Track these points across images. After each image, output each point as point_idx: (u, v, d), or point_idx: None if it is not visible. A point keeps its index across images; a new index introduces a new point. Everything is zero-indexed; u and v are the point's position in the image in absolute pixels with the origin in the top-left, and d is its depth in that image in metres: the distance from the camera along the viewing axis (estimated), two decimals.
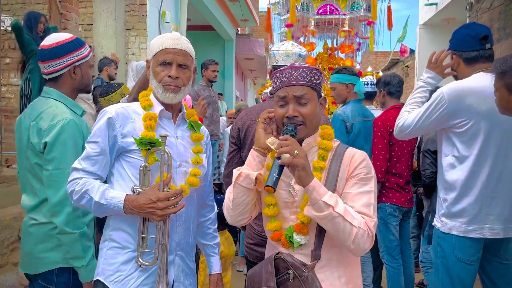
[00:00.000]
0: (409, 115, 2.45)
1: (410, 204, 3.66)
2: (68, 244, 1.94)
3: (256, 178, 1.62)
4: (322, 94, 1.74)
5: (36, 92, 4.74)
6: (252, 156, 1.68)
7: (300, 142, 1.64)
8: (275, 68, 2.38)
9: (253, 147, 1.69)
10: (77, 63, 2.11)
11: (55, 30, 4.82)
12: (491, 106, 2.17)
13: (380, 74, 6.51)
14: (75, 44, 2.11)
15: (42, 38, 4.37)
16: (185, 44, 1.83)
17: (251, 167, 1.67)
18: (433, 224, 2.46)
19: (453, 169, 2.33)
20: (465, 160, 2.28)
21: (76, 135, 2.00)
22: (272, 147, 1.58)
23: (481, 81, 2.28)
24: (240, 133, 2.37)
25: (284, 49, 2.36)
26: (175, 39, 1.82)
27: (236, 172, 1.66)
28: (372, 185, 1.61)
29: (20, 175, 2.14)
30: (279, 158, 1.51)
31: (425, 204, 4.35)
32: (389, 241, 3.57)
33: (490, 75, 2.27)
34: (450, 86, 2.32)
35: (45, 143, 1.95)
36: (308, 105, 1.63)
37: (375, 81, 4.41)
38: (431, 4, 10.05)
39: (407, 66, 13.12)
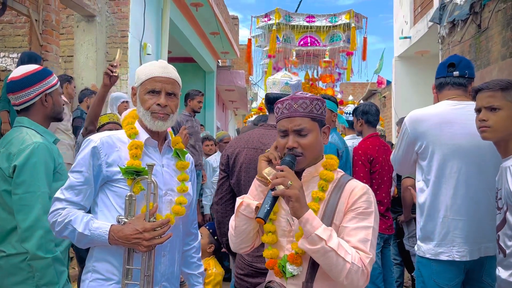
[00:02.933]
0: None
1: (390, 231, 3.70)
2: (41, 270, 1.88)
3: (256, 207, 1.62)
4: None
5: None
6: (255, 186, 1.68)
7: (301, 172, 1.64)
8: (267, 96, 2.45)
9: (256, 176, 1.69)
10: (47, 91, 2.14)
11: None
12: (447, 131, 2.31)
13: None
14: (43, 74, 2.15)
15: None
16: (173, 72, 1.85)
17: (253, 197, 1.67)
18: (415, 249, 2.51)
19: (422, 193, 2.42)
20: (428, 183, 2.38)
21: (47, 158, 1.98)
22: (268, 178, 1.56)
23: (441, 109, 2.41)
24: (229, 160, 2.39)
25: (273, 78, 2.43)
26: (163, 67, 1.83)
27: (238, 200, 1.66)
28: (372, 221, 1.56)
29: None
30: (273, 189, 1.49)
31: (405, 232, 4.39)
32: (371, 269, 3.56)
33: (452, 102, 2.39)
34: (410, 114, 2.50)
35: (14, 167, 1.92)
36: (308, 136, 1.62)
37: None
38: (405, 37, 10.46)
39: (384, 97, 13.45)
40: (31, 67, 2.15)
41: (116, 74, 2.63)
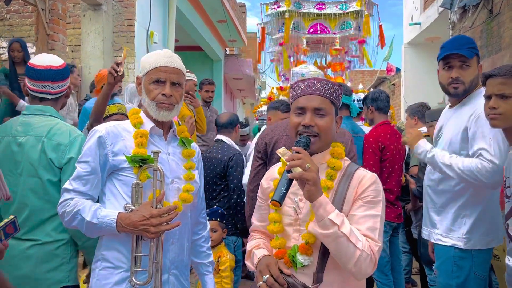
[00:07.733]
0: (485, 155, 2.17)
1: (399, 219, 3.67)
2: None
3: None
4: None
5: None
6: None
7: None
8: None
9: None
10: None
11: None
12: None
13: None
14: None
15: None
16: (178, 62, 1.84)
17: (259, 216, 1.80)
18: (449, 245, 2.35)
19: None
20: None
21: None
22: (283, 158, 1.52)
23: None
24: (268, 147, 2.41)
25: (315, 70, 2.49)
26: (168, 57, 1.83)
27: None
28: (379, 209, 1.56)
29: (14, 195, 2.06)
30: (289, 171, 1.46)
31: (413, 220, 4.37)
32: (379, 257, 3.55)
33: None
34: None
35: (70, 158, 1.99)
36: (326, 118, 1.60)
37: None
38: (415, 24, 10.32)
39: (394, 84, 13.33)
40: (57, 58, 2.19)
41: (121, 73, 2.62)
